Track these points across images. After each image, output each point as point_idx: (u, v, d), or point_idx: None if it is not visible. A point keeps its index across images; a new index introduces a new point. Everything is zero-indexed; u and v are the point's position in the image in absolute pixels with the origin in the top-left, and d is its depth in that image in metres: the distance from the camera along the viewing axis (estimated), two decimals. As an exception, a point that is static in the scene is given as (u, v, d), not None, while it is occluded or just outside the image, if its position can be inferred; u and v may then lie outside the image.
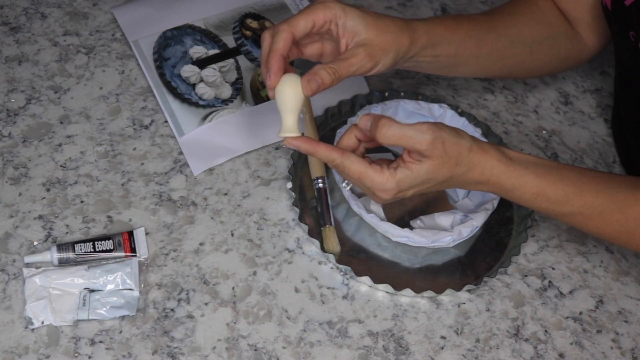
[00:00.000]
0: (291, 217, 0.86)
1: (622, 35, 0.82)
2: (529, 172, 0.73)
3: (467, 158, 0.72)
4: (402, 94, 0.95)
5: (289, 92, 0.73)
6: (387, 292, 0.81)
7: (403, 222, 0.84)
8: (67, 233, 0.82)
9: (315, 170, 0.87)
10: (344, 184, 0.83)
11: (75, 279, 0.78)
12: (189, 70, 0.97)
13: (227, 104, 0.95)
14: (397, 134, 0.70)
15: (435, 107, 0.92)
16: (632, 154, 0.92)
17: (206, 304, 0.79)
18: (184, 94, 0.95)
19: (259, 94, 0.96)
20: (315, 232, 0.84)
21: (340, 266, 0.81)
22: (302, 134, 0.77)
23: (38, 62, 0.97)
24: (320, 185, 0.85)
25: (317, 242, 0.82)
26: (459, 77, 1.01)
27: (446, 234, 0.81)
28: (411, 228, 0.83)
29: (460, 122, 0.91)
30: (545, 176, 0.73)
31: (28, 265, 0.80)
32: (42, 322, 0.76)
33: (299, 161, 0.89)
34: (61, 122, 0.91)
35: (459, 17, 0.89)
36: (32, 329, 0.76)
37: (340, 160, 0.73)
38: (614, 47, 0.89)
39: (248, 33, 1.02)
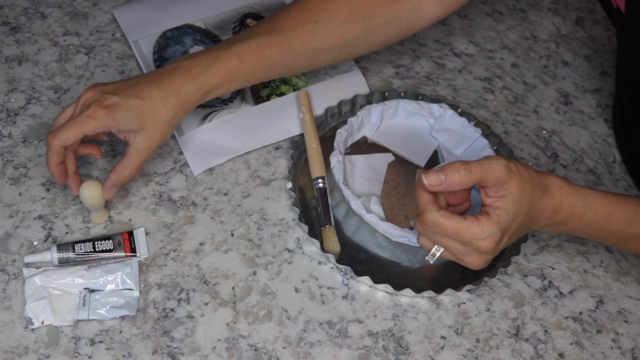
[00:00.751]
0: (291, 217, 0.86)
1: (637, 37, 0.82)
2: (595, 193, 0.73)
3: (538, 179, 0.71)
4: (402, 94, 0.95)
5: (89, 195, 0.80)
6: (387, 292, 0.81)
7: (403, 222, 0.84)
8: (67, 233, 0.82)
9: (316, 170, 0.87)
10: (429, 259, 0.77)
11: (75, 279, 0.78)
12: (189, 70, 0.97)
13: (227, 104, 0.95)
14: (477, 170, 0.69)
15: (435, 107, 0.92)
16: (636, 154, 0.92)
17: (206, 304, 0.79)
18: (184, 94, 0.94)
19: (259, 94, 0.96)
20: (315, 232, 0.84)
21: (340, 266, 0.81)
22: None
23: (38, 62, 0.97)
24: (320, 185, 0.85)
25: (317, 242, 0.82)
26: (460, 76, 1.01)
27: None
28: (411, 228, 0.83)
29: (460, 122, 0.91)
30: (611, 196, 0.74)
31: (28, 265, 0.80)
32: (42, 322, 0.76)
33: (299, 161, 0.89)
34: (61, 122, 0.91)
35: (242, 52, 0.83)
36: (32, 329, 0.76)
37: (435, 217, 0.69)
38: (619, 48, 0.89)
39: (248, 33, 1.01)
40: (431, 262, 0.75)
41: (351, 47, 0.89)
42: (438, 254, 0.73)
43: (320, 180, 0.86)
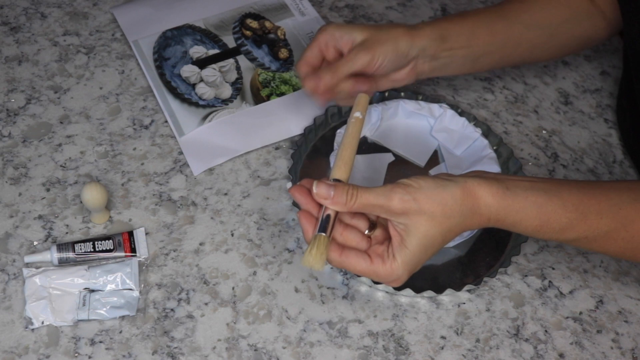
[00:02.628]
0: (291, 217, 0.86)
1: (634, 18, 0.81)
2: (529, 202, 0.70)
3: (458, 207, 0.68)
4: (402, 94, 0.95)
5: (90, 197, 0.79)
6: (387, 292, 0.81)
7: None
8: (67, 233, 0.82)
9: (339, 171, 0.73)
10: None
11: (75, 279, 0.78)
12: (189, 70, 0.97)
13: (227, 104, 0.95)
14: (368, 198, 0.67)
15: (435, 107, 0.92)
16: None
17: (206, 304, 0.79)
18: (184, 94, 0.95)
19: (259, 94, 0.96)
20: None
21: (340, 266, 0.81)
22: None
23: (38, 62, 0.97)
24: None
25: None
26: (459, 77, 1.01)
27: (446, 234, 0.81)
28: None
29: (460, 122, 0.91)
30: (547, 205, 0.70)
31: (28, 265, 0.80)
32: (42, 322, 0.76)
33: (299, 161, 0.89)
34: (61, 122, 0.92)
35: (464, 12, 0.90)
36: (32, 329, 0.76)
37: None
38: (627, 34, 0.87)
39: (248, 33, 1.02)
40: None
41: (559, 33, 0.90)
42: None
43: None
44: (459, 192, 0.68)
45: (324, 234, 0.69)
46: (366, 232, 0.71)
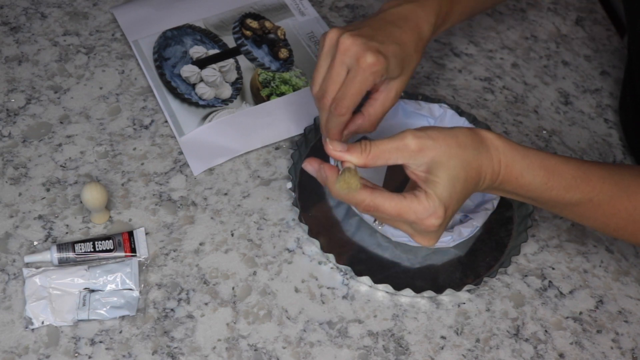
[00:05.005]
0: (291, 217, 0.86)
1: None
2: (534, 154, 0.69)
3: (468, 138, 0.67)
4: (402, 94, 0.95)
5: (91, 197, 0.79)
6: (387, 292, 0.81)
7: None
8: (67, 233, 0.83)
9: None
10: (377, 225, 0.77)
11: (75, 279, 0.78)
12: (189, 70, 0.97)
13: (227, 104, 0.95)
14: (380, 147, 0.65)
15: (435, 107, 0.92)
16: None
17: (206, 304, 0.79)
18: (184, 94, 0.95)
19: (259, 94, 0.96)
20: (316, 232, 0.83)
21: (340, 266, 0.81)
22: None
23: (38, 62, 0.97)
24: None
25: (317, 242, 0.82)
26: (460, 76, 1.01)
27: (446, 233, 0.81)
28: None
29: (460, 122, 0.91)
30: (550, 159, 0.70)
31: (28, 265, 0.80)
32: (42, 322, 0.76)
33: (299, 161, 0.89)
34: (61, 122, 0.92)
35: None
36: (32, 329, 0.76)
37: (371, 200, 0.66)
38: (631, 32, 0.87)
39: (248, 33, 1.02)
40: (380, 228, 0.74)
41: None
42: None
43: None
44: (468, 130, 0.68)
45: (352, 166, 0.66)
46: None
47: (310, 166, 0.70)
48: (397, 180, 0.88)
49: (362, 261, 0.83)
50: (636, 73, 0.89)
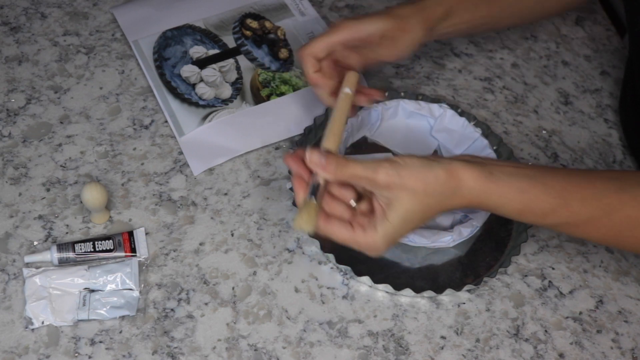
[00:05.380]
0: (291, 217, 0.86)
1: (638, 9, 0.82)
2: (512, 187, 0.71)
3: (440, 187, 0.69)
4: (402, 94, 0.95)
5: (90, 197, 0.80)
6: (387, 292, 0.81)
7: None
8: (67, 233, 0.82)
9: (328, 142, 0.77)
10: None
11: (75, 279, 0.78)
12: (189, 70, 0.97)
13: (227, 104, 0.95)
14: (354, 168, 0.69)
15: (435, 107, 0.92)
16: None
17: (206, 304, 0.79)
18: (184, 94, 0.95)
19: (259, 94, 0.96)
20: (315, 233, 0.83)
21: (340, 266, 0.81)
22: None
23: (38, 62, 0.97)
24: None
25: (317, 242, 0.82)
26: (460, 76, 1.01)
27: (446, 234, 0.81)
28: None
29: (460, 122, 0.91)
30: (529, 190, 0.71)
31: (28, 265, 0.80)
32: (42, 322, 0.76)
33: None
34: (61, 122, 0.92)
35: None
36: (32, 329, 0.76)
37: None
38: (631, 32, 0.87)
39: (248, 33, 1.02)
40: None
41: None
42: None
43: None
44: (443, 173, 0.69)
45: (314, 201, 0.71)
46: (352, 202, 0.74)
47: (292, 163, 0.74)
48: None
49: (362, 261, 0.83)
50: (636, 73, 0.89)
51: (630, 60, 0.94)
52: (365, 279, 0.80)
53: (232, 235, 0.84)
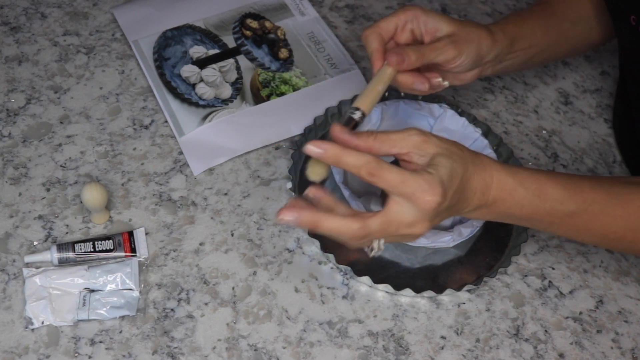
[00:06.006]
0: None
1: (623, 20, 0.82)
2: (524, 170, 0.72)
3: (466, 152, 0.69)
4: (402, 94, 0.95)
5: (91, 197, 0.79)
6: (387, 292, 0.81)
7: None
8: (67, 233, 0.83)
9: (362, 101, 0.74)
10: (369, 251, 0.73)
11: (75, 279, 0.78)
12: (189, 70, 0.97)
13: (227, 104, 0.95)
14: (388, 137, 0.67)
15: (435, 107, 0.92)
16: (638, 147, 0.92)
17: (206, 304, 0.79)
18: (184, 94, 0.95)
19: (259, 94, 0.96)
20: (315, 232, 0.83)
21: (340, 266, 0.81)
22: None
23: (38, 62, 0.97)
24: (355, 115, 0.72)
25: (317, 242, 0.82)
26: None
27: (446, 233, 0.81)
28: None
29: (460, 122, 0.91)
30: (540, 174, 0.72)
31: (28, 265, 0.80)
32: (42, 322, 0.76)
33: (299, 161, 0.89)
34: (61, 122, 0.92)
35: (521, 12, 0.90)
36: (32, 329, 0.76)
37: (374, 164, 0.65)
38: (616, 33, 0.89)
39: (248, 33, 1.02)
40: (375, 255, 0.69)
41: (596, 26, 0.92)
42: (381, 242, 0.69)
43: (358, 112, 0.72)
44: (461, 146, 0.70)
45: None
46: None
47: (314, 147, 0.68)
48: None
49: (362, 261, 0.83)
50: (627, 78, 0.90)
51: (621, 69, 0.94)
52: (365, 279, 0.80)
53: (232, 235, 0.84)
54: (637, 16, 0.79)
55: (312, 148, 0.66)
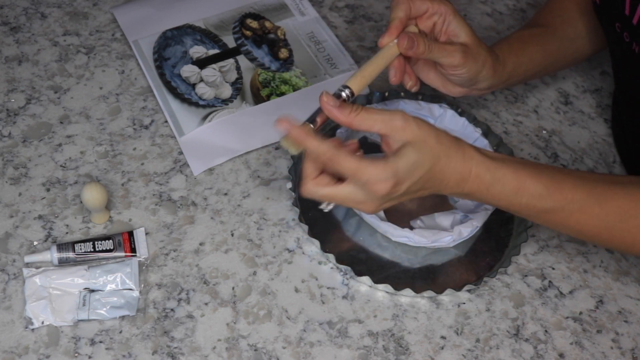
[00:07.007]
0: (291, 217, 0.86)
1: (609, 28, 0.83)
2: (507, 166, 0.72)
3: (447, 140, 0.70)
4: (402, 94, 0.95)
5: (91, 197, 0.79)
6: (387, 292, 0.81)
7: (403, 222, 0.84)
8: (67, 233, 0.83)
9: (354, 80, 0.75)
10: (324, 207, 0.76)
11: (75, 279, 0.78)
12: (189, 70, 0.97)
13: (227, 104, 0.95)
14: (372, 115, 0.69)
15: (435, 107, 0.92)
16: (631, 150, 0.92)
17: (206, 304, 0.79)
18: (184, 94, 0.95)
19: (259, 94, 0.96)
20: (315, 233, 0.83)
21: (340, 266, 0.81)
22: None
23: (38, 62, 0.97)
24: (344, 95, 0.73)
25: (317, 242, 0.82)
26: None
27: (446, 234, 0.81)
28: (411, 228, 0.83)
29: (460, 122, 0.91)
30: (523, 170, 0.73)
31: (28, 265, 0.80)
32: (42, 322, 0.76)
33: (299, 161, 0.89)
34: (61, 122, 0.92)
35: (522, 36, 0.90)
36: (32, 329, 0.76)
37: (333, 154, 0.69)
38: (607, 41, 0.90)
39: (248, 33, 1.02)
40: (325, 210, 0.75)
41: (594, 38, 0.93)
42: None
43: (347, 90, 0.74)
44: (452, 137, 0.72)
45: (310, 126, 0.71)
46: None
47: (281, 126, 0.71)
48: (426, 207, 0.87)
49: (362, 261, 0.83)
50: (620, 83, 0.90)
51: (615, 75, 0.94)
52: (365, 279, 0.80)
53: (232, 235, 0.84)
54: (621, 23, 0.80)
55: (281, 125, 0.70)
